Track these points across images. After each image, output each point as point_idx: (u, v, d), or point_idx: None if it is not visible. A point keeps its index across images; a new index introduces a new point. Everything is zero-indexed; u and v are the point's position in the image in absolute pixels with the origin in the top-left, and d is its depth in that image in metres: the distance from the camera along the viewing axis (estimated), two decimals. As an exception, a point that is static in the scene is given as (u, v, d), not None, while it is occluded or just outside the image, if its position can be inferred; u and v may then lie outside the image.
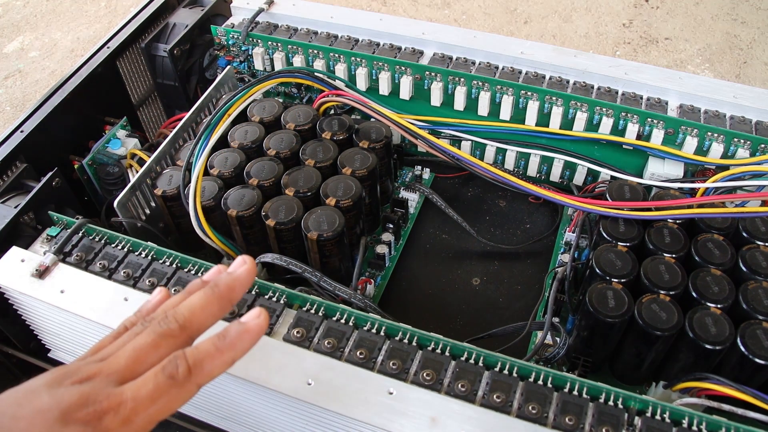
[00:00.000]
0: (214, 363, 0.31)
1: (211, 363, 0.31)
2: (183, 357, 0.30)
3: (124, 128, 0.67)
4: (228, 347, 0.31)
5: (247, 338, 0.32)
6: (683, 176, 0.58)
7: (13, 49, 1.19)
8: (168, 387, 0.30)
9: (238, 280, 0.34)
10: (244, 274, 0.34)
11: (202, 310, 0.32)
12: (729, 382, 0.41)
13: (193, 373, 0.30)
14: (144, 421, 0.30)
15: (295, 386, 0.41)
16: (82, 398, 0.29)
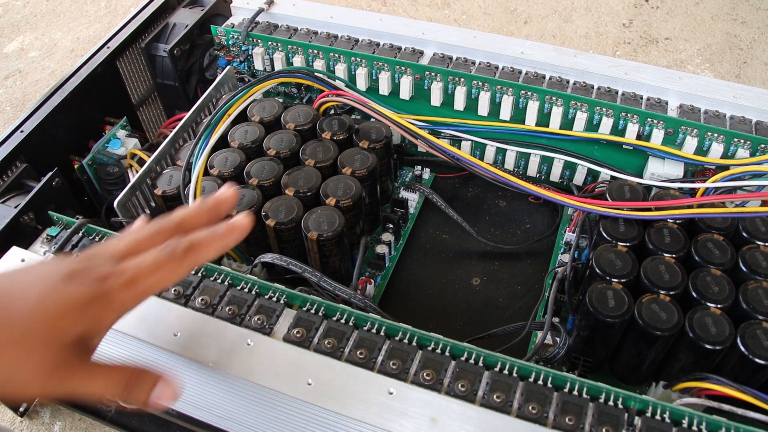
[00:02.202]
0: (207, 248, 0.35)
1: (206, 248, 0.35)
2: (181, 239, 0.34)
3: (124, 128, 0.67)
4: (219, 237, 0.35)
5: (236, 232, 0.36)
6: (683, 176, 0.58)
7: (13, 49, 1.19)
8: (166, 261, 0.33)
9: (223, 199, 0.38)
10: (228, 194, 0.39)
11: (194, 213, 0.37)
12: (729, 382, 0.41)
13: (189, 253, 0.34)
14: (142, 289, 0.33)
15: (295, 386, 0.41)
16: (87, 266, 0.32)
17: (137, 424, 0.63)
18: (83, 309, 0.31)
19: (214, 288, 0.46)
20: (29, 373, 0.30)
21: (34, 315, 0.30)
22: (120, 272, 0.32)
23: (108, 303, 0.32)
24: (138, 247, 0.34)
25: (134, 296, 0.33)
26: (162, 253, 0.33)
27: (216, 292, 0.46)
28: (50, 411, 0.68)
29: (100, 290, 0.31)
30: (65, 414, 0.68)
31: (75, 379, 0.32)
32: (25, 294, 0.31)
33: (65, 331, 0.31)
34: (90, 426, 0.67)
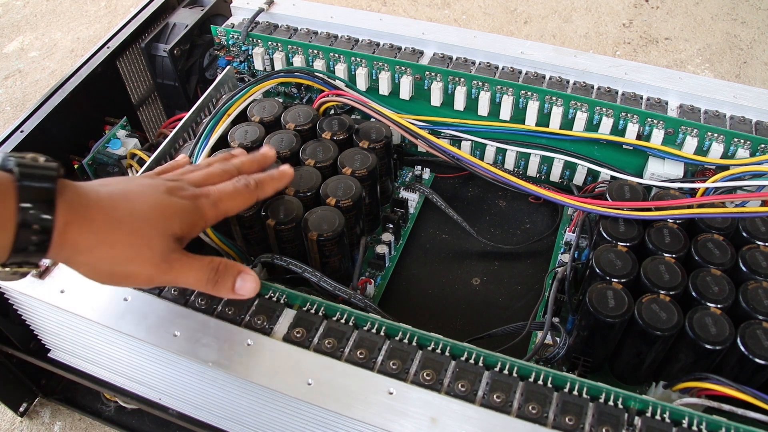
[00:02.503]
0: (268, 186, 0.45)
1: (267, 185, 0.45)
2: (250, 177, 0.44)
3: (124, 128, 0.67)
4: (276, 179, 0.46)
5: (285, 177, 0.47)
6: (683, 176, 0.58)
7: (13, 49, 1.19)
8: (242, 190, 0.43)
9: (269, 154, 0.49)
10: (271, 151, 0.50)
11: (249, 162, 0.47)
12: (729, 382, 0.41)
13: (258, 186, 0.44)
14: (224, 208, 0.42)
15: (295, 386, 0.41)
16: (180, 185, 0.41)
17: (137, 424, 0.63)
18: (184, 215, 0.39)
19: (214, 288, 0.46)
20: (145, 259, 0.37)
21: (152, 213, 0.37)
22: (207, 193, 0.41)
23: (200, 215, 0.40)
24: (211, 179, 0.43)
25: (217, 213, 0.41)
26: (239, 184, 0.43)
27: (216, 292, 0.46)
28: (50, 411, 0.69)
29: (195, 204, 0.40)
30: (65, 414, 0.68)
31: (175, 269, 0.38)
32: (142, 197, 0.38)
33: (172, 228, 0.38)
34: (90, 426, 0.67)
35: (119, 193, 0.38)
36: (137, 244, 0.37)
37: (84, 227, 0.35)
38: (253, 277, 0.41)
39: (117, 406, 0.64)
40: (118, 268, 0.37)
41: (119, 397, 0.58)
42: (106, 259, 0.36)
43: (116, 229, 0.36)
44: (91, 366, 0.55)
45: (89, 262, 0.37)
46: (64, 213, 0.34)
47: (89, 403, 0.65)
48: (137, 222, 0.37)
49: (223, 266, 0.41)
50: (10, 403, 0.65)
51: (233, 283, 0.41)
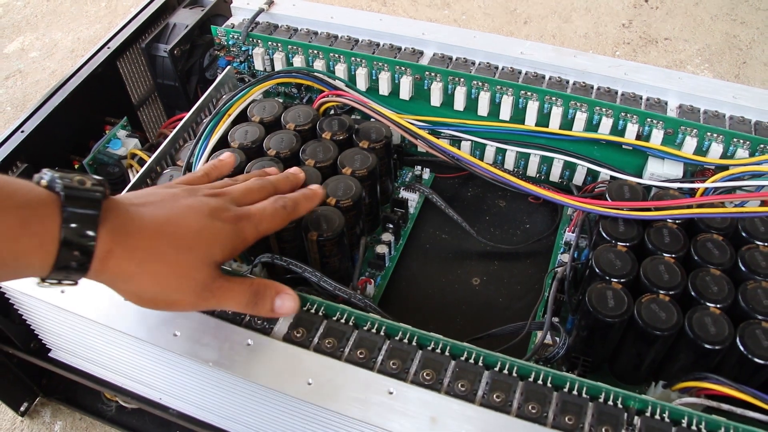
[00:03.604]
0: (303, 206, 0.46)
1: (302, 205, 0.46)
2: (287, 197, 0.45)
3: (125, 128, 0.68)
4: (309, 199, 0.47)
5: (317, 197, 0.48)
6: (683, 176, 0.58)
7: (13, 50, 1.19)
8: (279, 211, 0.43)
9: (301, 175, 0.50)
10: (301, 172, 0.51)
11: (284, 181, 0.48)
12: (728, 382, 0.41)
13: (294, 208, 0.44)
14: (263, 230, 0.42)
15: (295, 386, 0.41)
16: (222, 206, 0.40)
17: (137, 423, 0.63)
18: (227, 241, 0.39)
19: (215, 288, 0.46)
20: (187, 288, 0.37)
21: (195, 242, 0.37)
22: (248, 215, 0.41)
23: (242, 239, 0.40)
24: (250, 196, 0.43)
25: (256, 235, 0.42)
26: (276, 206, 0.43)
27: (216, 292, 0.46)
28: (51, 411, 0.69)
29: (237, 228, 0.40)
30: (65, 414, 0.68)
31: (217, 295, 0.39)
32: (186, 223, 0.38)
33: (214, 256, 0.38)
34: (90, 426, 0.67)
35: (164, 218, 0.37)
36: (179, 274, 0.37)
37: (125, 256, 0.35)
38: (291, 296, 0.42)
39: (117, 406, 0.64)
40: (160, 296, 0.38)
41: (120, 396, 0.58)
42: (147, 287, 0.37)
43: (159, 260, 0.36)
44: (92, 366, 0.55)
45: (130, 290, 0.37)
46: (106, 241, 0.34)
47: (90, 403, 0.65)
48: (181, 253, 0.37)
49: (262, 287, 0.41)
50: (11, 403, 0.65)
51: (272, 303, 0.41)
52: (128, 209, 0.36)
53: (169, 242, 0.37)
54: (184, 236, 0.37)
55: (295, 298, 0.42)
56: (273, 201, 0.43)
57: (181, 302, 0.38)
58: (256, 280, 0.41)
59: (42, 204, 0.32)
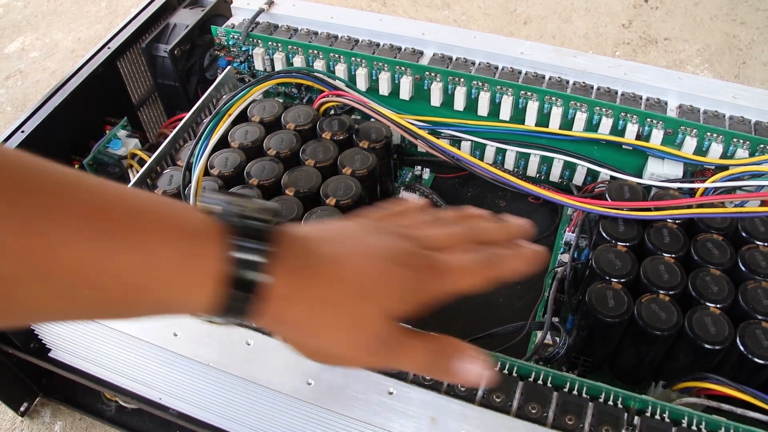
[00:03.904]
0: (512, 269, 0.35)
1: (511, 268, 0.35)
2: (496, 252, 0.35)
3: (125, 128, 0.68)
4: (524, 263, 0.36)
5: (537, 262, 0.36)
6: (683, 176, 0.58)
7: (13, 50, 1.19)
8: (482, 269, 0.34)
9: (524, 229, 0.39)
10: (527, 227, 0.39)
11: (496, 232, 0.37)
12: (728, 382, 0.41)
13: (499, 266, 0.35)
14: (455, 289, 0.33)
15: (295, 386, 0.41)
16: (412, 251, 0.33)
17: (137, 423, 0.63)
18: (410, 292, 0.32)
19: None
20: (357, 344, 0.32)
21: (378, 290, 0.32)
22: (442, 268, 0.33)
23: (429, 294, 0.33)
24: (449, 243, 0.35)
25: (447, 293, 0.33)
26: (480, 261, 0.34)
27: (216, 292, 0.46)
28: (50, 411, 0.69)
29: (425, 282, 0.33)
30: (65, 414, 0.68)
31: (391, 354, 0.33)
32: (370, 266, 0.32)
33: (397, 307, 0.32)
34: (90, 426, 0.67)
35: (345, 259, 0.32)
36: (356, 327, 0.31)
37: (297, 301, 0.30)
38: (480, 360, 0.34)
39: (117, 406, 0.64)
40: (331, 350, 0.32)
41: (119, 396, 0.58)
42: (317, 339, 0.32)
43: (334, 308, 0.31)
44: (92, 366, 0.55)
45: (296, 339, 0.32)
46: (278, 282, 0.29)
47: (90, 403, 0.65)
48: (360, 303, 0.31)
49: (446, 347, 0.34)
50: (11, 403, 0.65)
51: (456, 367, 0.34)
52: (306, 245, 0.31)
53: (348, 289, 0.31)
54: (365, 283, 0.31)
55: (481, 362, 0.33)
56: (475, 254, 0.35)
57: (352, 359, 0.33)
58: (439, 337, 0.34)
59: (207, 235, 0.27)
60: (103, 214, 0.25)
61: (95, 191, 0.25)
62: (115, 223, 0.25)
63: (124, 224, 0.25)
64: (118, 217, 0.25)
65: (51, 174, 0.25)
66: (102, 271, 0.24)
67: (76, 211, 0.24)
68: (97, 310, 0.27)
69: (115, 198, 0.26)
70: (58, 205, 0.24)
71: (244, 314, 0.28)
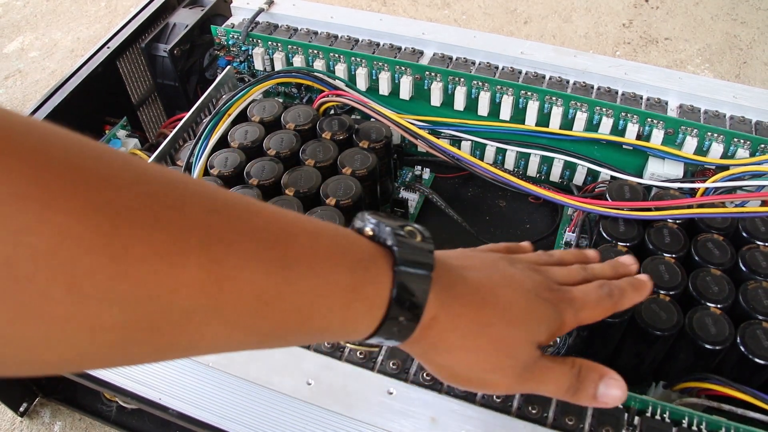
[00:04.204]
0: (629, 296, 0.37)
1: (628, 296, 0.37)
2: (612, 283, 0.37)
3: (125, 128, 0.68)
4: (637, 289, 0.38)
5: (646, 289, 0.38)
6: (683, 176, 0.58)
7: (13, 49, 1.19)
8: (604, 300, 0.36)
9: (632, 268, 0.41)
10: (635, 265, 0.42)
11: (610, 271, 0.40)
12: (729, 382, 0.41)
13: (620, 297, 0.37)
14: (583, 318, 0.35)
15: (295, 386, 0.41)
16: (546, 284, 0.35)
17: (137, 424, 0.63)
18: (549, 321, 0.34)
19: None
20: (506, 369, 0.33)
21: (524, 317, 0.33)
22: (571, 299, 0.35)
23: (561, 322, 0.34)
24: (571, 278, 0.37)
25: (575, 322, 0.35)
26: (602, 293, 0.36)
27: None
28: (50, 411, 0.69)
29: (558, 309, 0.34)
30: (65, 414, 0.68)
31: (536, 378, 0.34)
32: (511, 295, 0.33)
33: (540, 334, 0.33)
34: (90, 426, 0.67)
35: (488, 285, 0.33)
36: (503, 353, 0.32)
37: (449, 326, 0.30)
38: (619, 383, 0.35)
39: (117, 406, 0.64)
40: (476, 375, 0.33)
41: (119, 397, 0.58)
42: (465, 363, 0.32)
43: (484, 334, 0.31)
44: (91, 366, 0.55)
45: (444, 363, 0.32)
46: (433, 306, 0.29)
47: (89, 403, 0.65)
48: (507, 328, 0.32)
49: (585, 370, 0.35)
50: (11, 403, 0.65)
51: (596, 389, 0.35)
52: (454, 270, 0.32)
53: (496, 314, 0.32)
54: (513, 310, 0.32)
55: (622, 386, 0.35)
56: (598, 286, 0.37)
57: (498, 384, 0.33)
58: (578, 360, 0.35)
59: (373, 262, 0.27)
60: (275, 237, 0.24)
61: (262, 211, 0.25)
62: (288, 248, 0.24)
63: (298, 250, 0.25)
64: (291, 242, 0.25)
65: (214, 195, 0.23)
66: (277, 297, 0.24)
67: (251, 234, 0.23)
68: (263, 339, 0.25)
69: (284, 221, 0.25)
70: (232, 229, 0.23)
71: (402, 338, 0.29)
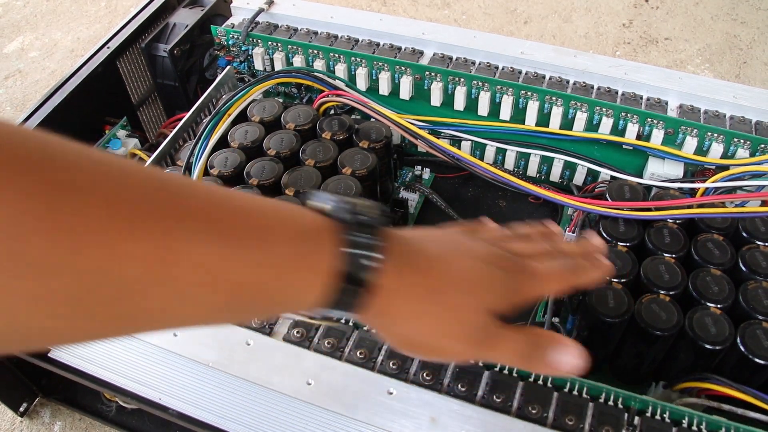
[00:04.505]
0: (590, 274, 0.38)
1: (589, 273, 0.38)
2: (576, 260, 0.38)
3: (125, 128, 0.68)
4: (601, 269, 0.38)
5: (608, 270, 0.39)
6: (683, 176, 0.58)
7: (13, 49, 1.19)
8: (566, 275, 0.36)
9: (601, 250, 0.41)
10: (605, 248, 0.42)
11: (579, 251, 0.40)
12: (729, 382, 0.41)
13: (581, 274, 0.37)
14: (544, 290, 0.37)
15: (295, 386, 0.41)
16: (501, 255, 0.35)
17: (137, 424, 0.63)
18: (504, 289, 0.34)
19: (214, 288, 0.46)
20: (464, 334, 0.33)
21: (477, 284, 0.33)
22: (531, 271, 0.35)
23: (520, 293, 0.34)
24: (534, 252, 0.37)
25: (536, 293, 0.35)
26: (566, 266, 0.37)
27: (216, 292, 0.46)
28: (50, 411, 0.68)
29: (516, 279, 0.34)
30: (65, 414, 0.68)
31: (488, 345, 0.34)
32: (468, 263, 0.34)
33: (495, 302, 0.34)
34: (90, 426, 0.67)
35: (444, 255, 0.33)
36: (458, 319, 0.33)
37: (404, 294, 0.31)
38: (573, 350, 0.35)
39: (117, 406, 0.64)
40: (432, 342, 0.33)
41: (119, 397, 0.58)
42: (420, 331, 0.32)
43: (436, 300, 0.32)
44: (92, 366, 0.55)
45: (400, 332, 0.33)
46: (386, 275, 0.29)
47: (89, 403, 0.65)
48: (460, 295, 0.33)
49: (542, 339, 0.35)
50: (11, 403, 0.65)
51: (551, 357, 0.35)
52: (410, 242, 0.32)
53: (451, 283, 0.32)
54: (466, 278, 0.33)
55: (576, 353, 0.35)
56: (559, 260, 0.37)
57: (453, 351, 0.34)
58: (534, 328, 0.36)
59: (321, 232, 0.28)
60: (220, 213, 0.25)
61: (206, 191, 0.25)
62: (232, 222, 0.25)
63: (242, 224, 0.25)
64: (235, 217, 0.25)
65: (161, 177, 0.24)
66: (225, 270, 0.24)
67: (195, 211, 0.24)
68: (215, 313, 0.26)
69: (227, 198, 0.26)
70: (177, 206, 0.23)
71: (353, 308, 0.29)
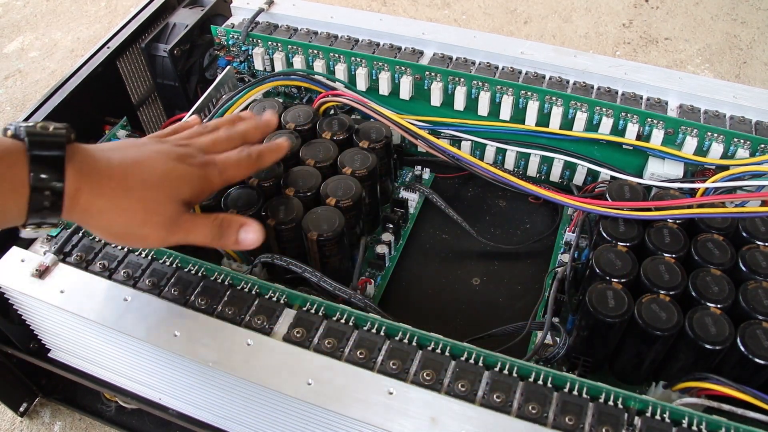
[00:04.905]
0: (267, 158, 0.48)
1: (267, 156, 0.48)
2: (252, 147, 0.47)
3: (125, 128, 0.67)
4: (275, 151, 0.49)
5: (282, 150, 0.49)
6: (683, 176, 0.58)
7: (13, 49, 1.19)
8: (244, 160, 0.45)
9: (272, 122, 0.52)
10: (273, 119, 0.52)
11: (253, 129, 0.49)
12: (729, 382, 0.41)
13: (259, 158, 0.47)
14: (228, 177, 0.44)
15: (295, 386, 0.41)
16: (189, 152, 0.43)
17: (137, 423, 0.63)
18: (192, 182, 0.41)
19: (215, 288, 0.46)
20: (155, 222, 0.40)
21: (161, 181, 0.40)
22: (214, 162, 0.43)
23: (208, 182, 0.43)
24: (218, 145, 0.45)
25: (221, 181, 0.44)
26: (242, 154, 0.45)
27: (216, 292, 0.46)
28: (50, 411, 0.69)
29: (203, 172, 0.42)
30: (65, 414, 0.68)
31: (183, 229, 0.41)
32: (153, 164, 0.40)
33: (181, 194, 0.41)
34: (90, 426, 0.67)
35: (131, 160, 0.40)
36: (147, 209, 0.39)
37: (95, 193, 0.37)
38: (255, 227, 0.43)
39: (117, 406, 0.64)
40: (130, 230, 0.39)
41: (119, 397, 0.58)
42: (118, 222, 0.39)
43: (127, 195, 0.38)
44: (91, 366, 0.55)
45: (101, 225, 0.39)
46: (74, 179, 0.36)
47: (89, 403, 0.65)
48: (148, 190, 0.39)
49: (226, 221, 0.43)
50: (11, 403, 0.65)
51: (237, 235, 0.43)
52: (94, 152, 0.38)
53: (137, 180, 0.39)
54: (151, 175, 0.39)
55: (258, 230, 0.43)
56: (238, 150, 0.45)
57: (149, 237, 0.40)
58: (220, 214, 0.43)
59: (8, 152, 0.34)
60: None
61: None
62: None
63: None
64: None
65: None
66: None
67: None
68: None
69: None
70: None
71: (56, 212, 0.36)
